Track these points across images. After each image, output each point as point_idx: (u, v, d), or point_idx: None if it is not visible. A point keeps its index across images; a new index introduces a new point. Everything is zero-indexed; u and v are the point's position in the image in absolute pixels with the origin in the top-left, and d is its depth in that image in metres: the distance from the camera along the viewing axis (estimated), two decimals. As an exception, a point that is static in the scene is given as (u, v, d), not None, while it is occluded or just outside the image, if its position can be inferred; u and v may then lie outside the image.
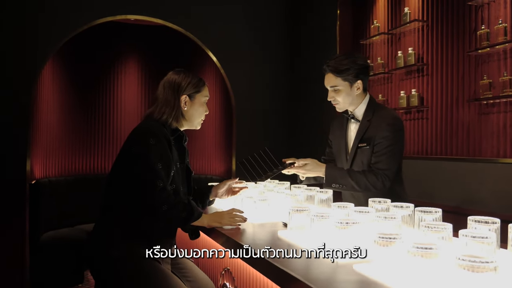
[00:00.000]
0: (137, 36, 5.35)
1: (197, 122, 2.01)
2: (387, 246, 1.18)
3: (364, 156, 2.22)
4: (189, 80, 1.96)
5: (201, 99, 1.99)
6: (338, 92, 2.21)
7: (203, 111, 2.01)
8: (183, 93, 1.93)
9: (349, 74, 2.17)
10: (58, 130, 4.79)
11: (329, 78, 2.23)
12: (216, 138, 5.26)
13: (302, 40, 4.93)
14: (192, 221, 1.79)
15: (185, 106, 1.94)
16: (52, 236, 4.25)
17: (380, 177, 2.14)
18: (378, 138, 2.17)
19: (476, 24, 3.01)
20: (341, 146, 2.38)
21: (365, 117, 2.23)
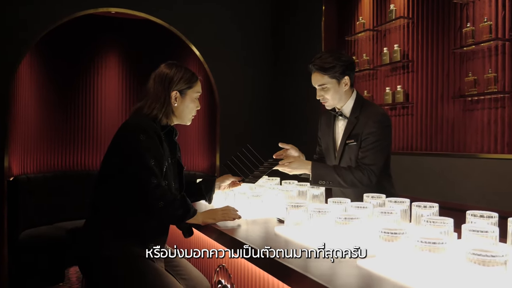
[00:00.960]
0: (118, 30, 5.24)
1: (187, 118, 1.95)
2: (392, 241, 1.18)
3: (352, 152, 2.23)
4: (181, 75, 1.89)
5: (193, 95, 1.94)
6: (326, 90, 2.21)
7: (194, 107, 1.96)
8: (174, 88, 1.87)
9: (336, 71, 2.17)
10: (37, 126, 4.66)
11: (316, 77, 2.22)
12: (199, 134, 5.21)
13: (287, 36, 4.93)
14: (188, 218, 1.76)
15: (176, 102, 1.88)
16: (31, 234, 4.15)
17: (366, 172, 2.14)
18: (365, 134, 2.18)
19: (461, 21, 3.06)
20: (329, 143, 2.39)
21: (353, 114, 2.24)
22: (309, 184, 2.23)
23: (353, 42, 4.15)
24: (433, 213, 1.55)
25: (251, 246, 1.53)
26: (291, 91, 4.84)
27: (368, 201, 1.85)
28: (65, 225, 4.46)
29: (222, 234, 1.76)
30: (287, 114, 4.89)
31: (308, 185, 2.26)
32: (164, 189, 1.70)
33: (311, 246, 1.49)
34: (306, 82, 4.54)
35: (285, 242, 1.58)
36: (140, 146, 1.71)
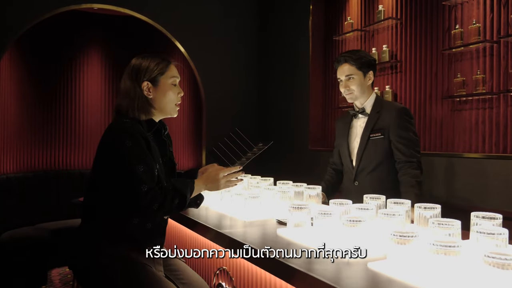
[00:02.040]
0: (101, 26, 5.14)
1: (170, 108, 1.80)
2: (404, 244, 1.19)
3: (377, 146, 2.33)
4: (148, 63, 1.75)
5: (168, 81, 1.78)
6: (352, 81, 2.33)
7: (174, 95, 1.80)
8: (143, 79, 1.73)
9: (363, 63, 2.32)
10: (17, 124, 4.53)
11: (344, 68, 2.34)
12: (184, 132, 5.16)
13: (274, 34, 4.92)
14: (188, 199, 1.72)
15: (150, 93, 1.75)
16: (12, 236, 4.03)
17: (413, 166, 2.23)
18: (393, 126, 2.28)
19: (450, 23, 3.10)
20: (344, 144, 2.47)
21: (374, 110, 2.37)
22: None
23: (341, 42, 4.17)
24: (436, 215, 1.57)
25: (254, 247, 1.52)
26: (278, 89, 4.84)
27: (368, 202, 1.86)
28: (48, 226, 4.36)
29: (221, 236, 1.74)
30: (274, 111, 4.89)
31: (304, 186, 2.26)
32: (154, 192, 1.63)
33: (315, 247, 1.49)
34: (292, 80, 4.58)
35: (288, 244, 1.58)
36: (126, 153, 1.62)
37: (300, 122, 4.47)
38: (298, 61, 4.52)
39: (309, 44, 4.33)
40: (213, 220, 1.99)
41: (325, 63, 4.37)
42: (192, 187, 1.75)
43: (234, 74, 5.07)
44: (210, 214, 2.15)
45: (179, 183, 1.74)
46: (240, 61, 5.11)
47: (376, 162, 2.34)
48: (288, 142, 4.63)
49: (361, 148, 2.38)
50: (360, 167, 2.39)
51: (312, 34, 4.32)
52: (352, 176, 2.43)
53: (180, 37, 4.78)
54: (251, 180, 2.59)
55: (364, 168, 2.38)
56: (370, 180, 2.36)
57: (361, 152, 2.37)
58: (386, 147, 2.32)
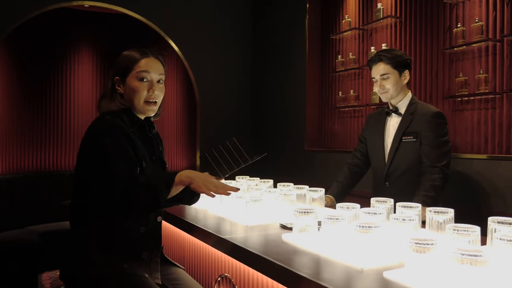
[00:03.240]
0: (92, 24, 5.01)
1: (139, 106, 1.67)
2: (424, 253, 1.12)
3: (409, 149, 2.30)
4: (122, 58, 1.69)
5: (133, 78, 1.66)
6: (387, 80, 2.32)
7: (142, 91, 1.66)
8: (116, 74, 1.69)
9: (399, 62, 2.30)
10: (5, 125, 4.40)
11: (379, 67, 2.33)
12: (178, 132, 5.06)
13: (269, 33, 4.84)
14: (165, 198, 1.53)
15: (120, 89, 1.69)
16: (1, 239, 3.92)
17: (437, 171, 2.20)
18: (425, 131, 2.25)
19: (451, 21, 3.05)
20: (379, 141, 2.44)
21: (408, 111, 2.35)
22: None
23: (338, 41, 4.11)
24: (449, 219, 1.51)
25: (258, 254, 1.44)
26: (273, 89, 4.76)
27: (375, 205, 1.80)
28: (38, 229, 4.24)
29: (223, 242, 1.66)
30: (270, 111, 4.81)
31: (306, 188, 2.19)
32: (130, 190, 1.51)
33: (325, 255, 1.41)
34: (288, 79, 4.50)
35: (295, 250, 1.50)
36: (104, 150, 1.53)
37: (296, 122, 4.40)
38: (294, 60, 4.45)
39: (305, 43, 4.26)
40: (212, 225, 1.91)
41: (322, 63, 4.30)
42: (171, 180, 1.55)
43: (228, 73, 4.99)
44: (209, 218, 2.07)
45: (154, 177, 1.61)
46: (235, 59, 5.02)
47: (407, 164, 2.32)
48: (284, 142, 4.55)
49: (392, 149, 2.36)
50: (391, 168, 2.37)
51: (308, 33, 4.25)
52: (383, 176, 2.40)
53: (173, 35, 4.68)
54: (250, 182, 2.51)
55: (395, 170, 2.36)
56: (401, 182, 2.33)
57: (393, 153, 2.35)
58: (418, 150, 2.29)
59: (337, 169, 2.70)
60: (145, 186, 1.53)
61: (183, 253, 2.24)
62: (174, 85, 5.12)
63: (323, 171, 3.91)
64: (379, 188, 2.44)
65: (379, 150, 2.45)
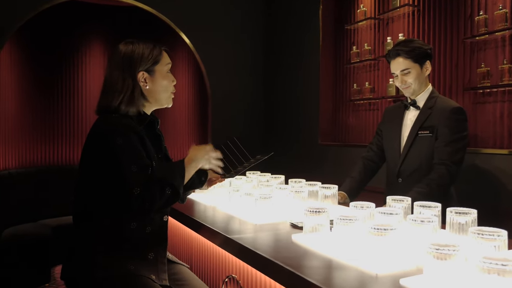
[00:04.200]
0: (103, 17, 4.96)
1: (165, 97, 1.66)
2: (445, 260, 1.02)
3: (424, 144, 2.20)
4: (141, 51, 1.60)
5: (163, 70, 1.64)
6: (409, 74, 2.21)
7: (169, 84, 1.66)
8: (139, 69, 1.58)
9: (419, 54, 2.19)
10: (18, 119, 4.40)
11: (398, 62, 2.22)
12: (189, 126, 5.00)
13: (282, 24, 4.73)
14: (182, 186, 1.55)
15: (146, 84, 1.60)
16: (14, 233, 3.92)
17: (445, 168, 2.10)
18: (442, 126, 2.14)
19: (473, 9, 2.90)
20: (395, 135, 2.35)
21: (426, 105, 2.24)
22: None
23: (353, 31, 3.97)
24: (472, 221, 1.41)
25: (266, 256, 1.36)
26: (286, 82, 4.66)
27: (391, 204, 1.70)
28: (50, 222, 4.25)
29: (231, 242, 1.58)
30: (282, 104, 4.71)
31: (319, 184, 2.10)
32: (145, 193, 1.46)
33: (337, 258, 1.33)
34: (301, 72, 4.39)
35: (305, 252, 1.42)
36: (116, 152, 1.46)
37: (309, 115, 4.29)
38: (307, 52, 4.33)
39: (319, 33, 4.14)
40: (220, 223, 1.83)
41: (336, 54, 4.17)
42: (181, 167, 1.58)
43: (240, 65, 4.90)
44: (217, 216, 2.00)
45: (164, 169, 1.57)
46: (247, 51, 4.92)
47: (420, 160, 2.22)
48: (297, 136, 4.46)
49: (407, 144, 2.25)
50: (404, 163, 2.26)
51: (322, 23, 4.12)
52: (396, 171, 2.30)
53: (185, 28, 4.61)
54: (261, 178, 2.43)
55: (409, 165, 2.25)
56: (415, 179, 2.21)
57: (408, 148, 2.25)
58: (433, 146, 2.18)
59: (351, 164, 2.60)
60: (159, 183, 1.49)
61: (190, 252, 2.18)
62: (186, 78, 5.06)
63: (337, 166, 3.80)
64: (392, 184, 2.34)
65: (396, 144, 2.34)
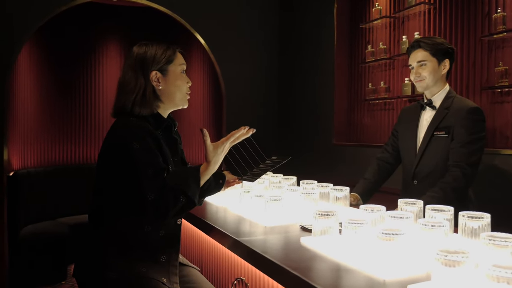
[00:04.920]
0: (120, 18, 5.03)
1: (180, 98, 1.65)
2: (454, 267, 1.00)
3: (440, 145, 2.16)
4: (154, 51, 1.60)
5: (177, 70, 1.63)
6: (424, 68, 2.18)
7: (184, 84, 1.65)
8: (151, 68, 1.58)
9: (439, 49, 2.17)
10: (37, 118, 4.48)
11: (417, 53, 2.21)
12: (204, 126, 5.02)
13: (297, 23, 4.70)
14: (196, 194, 1.51)
15: (159, 84, 1.59)
16: (32, 231, 4.00)
17: (461, 171, 2.05)
18: (458, 127, 2.10)
19: (490, 7, 2.84)
20: (411, 136, 2.31)
21: (443, 105, 2.20)
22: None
23: (368, 30, 3.93)
24: (485, 225, 1.37)
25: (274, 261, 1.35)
26: (300, 81, 4.63)
27: (403, 207, 1.67)
28: (67, 221, 4.32)
29: (240, 245, 1.58)
30: (297, 104, 4.69)
31: (330, 186, 2.08)
32: (161, 199, 1.45)
33: (345, 262, 1.31)
34: (315, 71, 4.36)
35: (314, 256, 1.41)
36: (134, 156, 1.45)
37: (324, 115, 4.26)
38: (322, 51, 4.30)
39: (333, 32, 4.10)
40: (231, 225, 1.83)
41: (350, 53, 4.13)
42: (196, 174, 1.53)
43: (254, 64, 4.89)
44: (228, 217, 1.99)
45: (179, 176, 1.53)
46: (261, 51, 4.91)
47: (436, 162, 2.17)
48: (311, 136, 4.43)
49: (423, 145, 2.21)
50: (420, 165, 2.22)
51: (337, 22, 4.09)
52: (411, 173, 2.26)
53: (200, 28, 4.62)
54: (273, 179, 2.42)
55: (424, 167, 2.21)
56: (430, 181, 2.17)
57: (423, 149, 2.21)
58: (449, 147, 2.13)
59: (366, 164, 2.57)
60: (173, 191, 1.47)
61: (200, 253, 2.19)
62: (200, 77, 5.08)
63: (352, 166, 3.77)
64: (407, 186, 2.30)
65: (411, 145, 2.30)
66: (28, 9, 3.89)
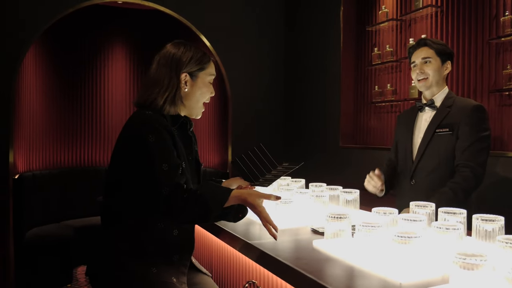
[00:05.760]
0: (125, 21, 5.04)
1: (198, 107, 1.65)
2: (473, 270, 0.99)
3: (442, 143, 2.13)
4: (191, 54, 1.61)
5: (206, 78, 1.64)
6: (429, 65, 2.18)
7: (207, 93, 1.66)
8: (183, 70, 1.58)
9: (443, 50, 2.19)
10: (42, 121, 4.49)
11: (422, 51, 2.21)
12: (210, 128, 5.03)
13: (303, 25, 4.71)
14: (215, 214, 1.47)
15: (186, 86, 1.60)
16: (38, 234, 4.00)
17: (471, 171, 2.02)
18: (463, 124, 2.08)
19: (498, 10, 2.83)
20: (407, 136, 2.29)
21: (444, 104, 2.19)
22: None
23: (375, 33, 3.93)
24: (499, 228, 1.37)
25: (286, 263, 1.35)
26: (306, 83, 4.63)
27: (414, 210, 1.66)
28: (73, 223, 4.32)
29: (251, 248, 1.57)
30: (303, 107, 4.69)
31: (340, 189, 2.08)
32: (176, 194, 1.43)
33: (359, 265, 1.31)
34: (321, 74, 4.36)
35: (327, 259, 1.40)
36: (149, 149, 1.45)
37: (330, 117, 4.26)
38: (328, 53, 4.30)
39: (340, 35, 4.10)
40: (241, 227, 1.83)
41: (357, 55, 4.13)
42: (225, 198, 1.49)
43: (261, 68, 4.89)
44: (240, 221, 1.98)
45: (210, 190, 1.51)
46: (267, 53, 4.92)
47: (439, 160, 2.12)
48: (317, 139, 4.43)
49: (424, 143, 2.17)
50: (420, 164, 2.18)
51: (343, 25, 4.09)
52: (410, 173, 2.22)
53: (205, 31, 4.63)
54: (281, 181, 2.42)
55: (424, 166, 2.16)
56: (430, 180, 2.13)
57: (424, 147, 2.17)
58: (453, 145, 2.09)
59: (373, 167, 2.55)
60: (197, 199, 1.44)
61: (210, 256, 2.18)
62: (206, 80, 5.08)
63: (359, 168, 3.75)
64: (403, 187, 2.26)
65: (407, 146, 2.27)
66: (35, 11, 3.90)
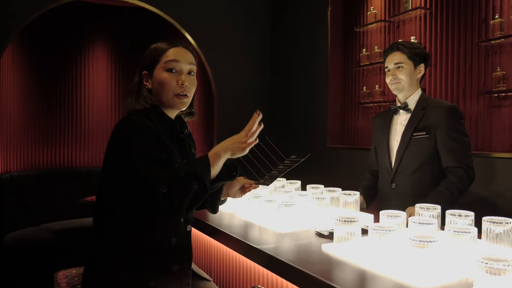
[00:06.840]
0: (107, 18, 4.91)
1: (168, 99, 1.52)
2: (499, 275, 0.98)
3: (421, 145, 2.15)
4: (149, 51, 1.56)
5: (161, 67, 1.52)
6: (401, 70, 2.20)
7: (167, 83, 1.51)
8: (143, 70, 1.55)
9: (416, 53, 2.21)
10: (20, 121, 4.32)
11: (395, 56, 2.23)
12: (195, 126, 4.95)
13: (290, 25, 4.69)
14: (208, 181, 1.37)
15: (147, 84, 1.55)
16: (16, 237, 3.86)
17: (463, 171, 2.05)
18: (442, 127, 2.10)
19: (487, 12, 2.88)
20: (383, 141, 2.30)
21: (418, 106, 2.21)
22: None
23: (363, 34, 3.94)
24: (509, 230, 1.37)
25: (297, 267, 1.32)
26: (293, 83, 4.62)
27: (421, 213, 1.66)
28: (53, 226, 4.18)
29: (257, 252, 1.54)
30: (290, 106, 4.67)
31: (339, 191, 2.06)
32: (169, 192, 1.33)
33: (373, 269, 1.29)
34: (309, 73, 4.36)
35: (338, 264, 1.38)
36: (135, 153, 1.37)
37: (317, 118, 4.26)
38: (315, 53, 4.29)
39: (327, 35, 4.10)
40: (241, 231, 1.78)
41: (344, 56, 4.14)
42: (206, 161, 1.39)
43: (246, 66, 4.86)
44: (236, 224, 1.94)
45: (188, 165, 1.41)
46: (253, 53, 4.88)
47: (418, 163, 2.16)
48: (304, 139, 4.42)
49: (401, 147, 2.19)
50: (399, 168, 2.20)
51: (331, 25, 4.09)
52: (390, 177, 2.24)
53: (190, 29, 4.56)
54: (276, 183, 2.39)
55: (403, 170, 2.19)
56: (410, 183, 2.17)
57: (402, 151, 2.19)
58: (432, 148, 2.13)
59: (361, 167, 2.57)
60: (185, 179, 1.34)
61: (209, 261, 2.13)
62: (191, 79, 5.00)
63: (346, 169, 3.77)
64: (385, 191, 2.28)
65: (384, 150, 2.30)
66: (12, 8, 3.76)
